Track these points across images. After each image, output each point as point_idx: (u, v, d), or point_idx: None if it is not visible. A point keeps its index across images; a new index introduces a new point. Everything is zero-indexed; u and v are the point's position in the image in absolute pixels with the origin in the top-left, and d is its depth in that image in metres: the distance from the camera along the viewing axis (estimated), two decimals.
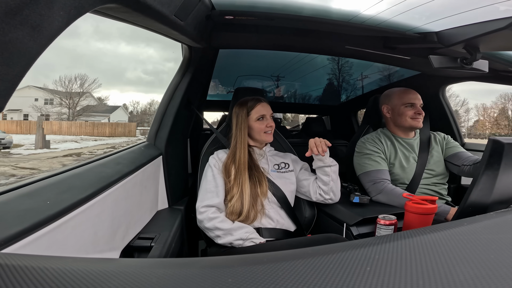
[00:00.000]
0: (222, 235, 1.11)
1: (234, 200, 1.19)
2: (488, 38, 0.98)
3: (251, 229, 1.14)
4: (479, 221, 0.46)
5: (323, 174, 1.28)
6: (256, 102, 1.33)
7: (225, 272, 0.29)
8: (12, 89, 0.37)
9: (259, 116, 1.32)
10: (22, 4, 0.34)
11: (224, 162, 1.28)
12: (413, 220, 1.03)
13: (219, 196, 1.20)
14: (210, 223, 1.13)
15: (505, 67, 1.49)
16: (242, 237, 1.10)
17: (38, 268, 0.27)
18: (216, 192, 1.20)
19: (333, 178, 1.28)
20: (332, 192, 1.29)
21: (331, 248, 0.35)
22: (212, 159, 1.31)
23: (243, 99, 1.38)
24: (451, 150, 1.49)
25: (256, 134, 1.33)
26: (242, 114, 1.33)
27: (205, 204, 1.17)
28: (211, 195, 1.20)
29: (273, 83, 2.60)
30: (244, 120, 1.32)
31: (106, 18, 0.65)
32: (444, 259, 0.32)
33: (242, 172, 1.24)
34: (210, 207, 1.17)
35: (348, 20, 1.10)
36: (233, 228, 1.12)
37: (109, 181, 0.75)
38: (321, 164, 1.28)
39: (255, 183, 1.23)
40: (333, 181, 1.28)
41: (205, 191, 1.22)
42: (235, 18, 1.07)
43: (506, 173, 0.74)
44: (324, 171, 1.28)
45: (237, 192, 1.20)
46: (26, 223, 0.47)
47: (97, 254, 0.68)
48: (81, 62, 57.36)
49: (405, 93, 1.48)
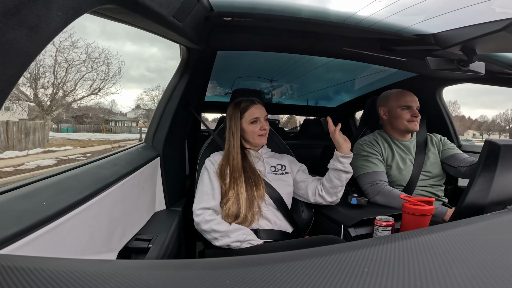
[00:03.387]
0: (219, 237, 1.11)
1: (230, 203, 1.18)
2: (484, 40, 0.98)
3: (248, 231, 1.14)
4: (476, 222, 0.46)
5: (336, 178, 1.25)
6: (249, 104, 1.30)
7: (223, 274, 0.29)
8: (9, 90, 0.37)
9: (252, 119, 1.29)
10: (20, 5, 0.34)
11: (219, 165, 1.26)
12: (410, 221, 1.03)
13: (216, 199, 1.20)
14: (207, 226, 1.12)
15: (502, 69, 1.50)
16: (239, 239, 1.09)
17: (34, 270, 0.27)
18: (212, 195, 1.20)
19: (343, 184, 1.27)
20: (336, 196, 1.28)
21: (328, 249, 0.35)
22: (208, 162, 1.29)
23: (237, 100, 1.35)
24: (447, 151, 1.49)
25: (249, 137, 1.31)
26: (235, 117, 1.30)
27: (202, 206, 1.16)
28: (208, 197, 1.19)
29: (271, 85, 2.61)
30: (237, 123, 1.29)
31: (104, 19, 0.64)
32: (441, 260, 0.32)
33: (237, 176, 1.22)
34: (206, 209, 1.16)
35: (346, 22, 1.10)
36: (230, 230, 1.11)
37: (106, 183, 0.75)
38: (340, 166, 1.24)
39: (251, 185, 1.22)
40: (342, 186, 1.27)
41: (201, 193, 1.21)
42: (234, 19, 1.07)
43: (502, 175, 0.74)
44: (339, 175, 1.25)
45: (233, 195, 1.19)
46: (22, 224, 0.47)
47: (94, 255, 0.68)
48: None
49: (402, 95, 1.48)
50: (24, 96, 16.09)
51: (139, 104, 32.92)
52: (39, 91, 16.09)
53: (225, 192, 1.21)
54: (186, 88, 1.35)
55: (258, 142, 1.32)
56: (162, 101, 1.32)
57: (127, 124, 33.41)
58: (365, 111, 1.79)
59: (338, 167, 1.24)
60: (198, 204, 1.18)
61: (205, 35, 1.16)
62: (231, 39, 1.31)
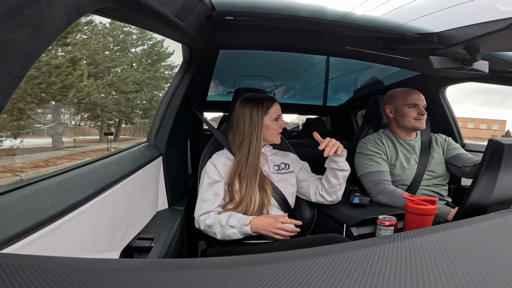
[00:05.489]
0: (216, 231, 1.08)
1: (240, 209, 1.15)
2: (488, 39, 0.98)
3: (236, 214, 1.10)
4: (479, 222, 0.46)
5: (333, 177, 1.23)
6: (273, 100, 1.25)
7: (225, 273, 0.29)
8: (13, 89, 0.37)
9: (277, 115, 1.25)
10: (22, 5, 0.34)
11: (231, 168, 1.19)
12: (413, 221, 1.03)
13: (216, 203, 1.16)
14: (202, 225, 1.12)
15: (505, 68, 1.49)
16: (230, 224, 1.06)
17: (38, 268, 0.27)
18: (213, 201, 1.16)
19: (341, 182, 1.24)
20: (335, 195, 1.26)
21: (330, 249, 0.35)
22: (209, 164, 1.22)
23: (252, 95, 1.27)
24: (452, 151, 1.49)
25: (270, 134, 1.25)
26: (259, 112, 1.21)
27: (202, 213, 1.15)
28: (208, 204, 1.16)
29: (273, 84, 2.60)
30: (261, 119, 1.21)
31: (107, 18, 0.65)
32: (444, 259, 0.32)
33: (253, 180, 1.16)
34: (206, 213, 1.15)
35: (348, 21, 1.10)
36: (220, 220, 1.09)
37: (109, 182, 0.75)
38: (334, 165, 1.20)
39: (261, 190, 1.18)
40: (340, 185, 1.24)
41: (201, 200, 1.17)
42: (236, 18, 1.06)
43: (506, 174, 0.74)
44: (335, 173, 1.22)
45: (244, 200, 1.14)
46: (26, 223, 0.47)
47: (97, 254, 0.68)
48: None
49: (409, 93, 1.48)
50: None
51: None
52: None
53: (233, 195, 1.17)
54: (189, 88, 1.35)
55: (276, 141, 1.27)
56: (165, 100, 1.32)
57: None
58: (368, 110, 1.78)
59: (333, 166, 1.21)
60: (199, 211, 1.16)
61: (207, 34, 1.16)
62: (233, 38, 1.31)
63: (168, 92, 1.34)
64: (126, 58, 15.05)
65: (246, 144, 1.20)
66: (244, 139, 1.21)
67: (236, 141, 1.24)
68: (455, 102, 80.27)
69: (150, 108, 16.28)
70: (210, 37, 1.22)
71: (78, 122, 18.12)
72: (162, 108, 1.30)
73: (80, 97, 13.23)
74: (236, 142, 1.24)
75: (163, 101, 1.32)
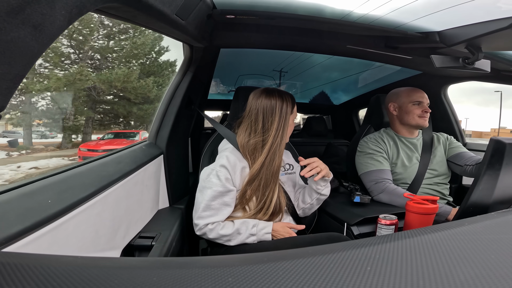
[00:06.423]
0: (232, 238, 1.05)
1: (260, 216, 1.10)
2: (490, 38, 0.97)
3: (255, 221, 1.06)
4: (480, 221, 0.46)
5: (308, 194, 1.19)
6: (294, 99, 1.16)
7: (226, 272, 0.29)
8: (14, 88, 0.37)
9: (295, 115, 1.18)
10: (24, 3, 0.34)
11: (249, 176, 1.07)
12: (414, 220, 1.03)
13: (220, 215, 1.06)
14: (213, 234, 1.05)
15: (507, 67, 1.49)
16: (251, 233, 1.04)
17: (39, 267, 0.27)
18: (223, 213, 1.06)
19: (313, 204, 1.19)
20: (302, 211, 1.22)
21: (331, 248, 0.35)
22: (222, 169, 1.05)
23: (275, 89, 1.14)
24: (453, 150, 1.49)
25: (288, 136, 1.16)
26: (287, 109, 1.09)
27: (209, 222, 1.06)
28: (218, 216, 1.05)
29: (274, 82, 2.60)
30: (288, 117, 1.10)
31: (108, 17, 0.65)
32: (445, 259, 0.32)
33: (272, 183, 1.08)
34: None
35: (350, 19, 1.09)
36: (237, 228, 1.05)
37: (110, 180, 0.76)
38: (313, 186, 1.15)
39: (279, 195, 1.12)
40: (311, 205, 1.19)
41: (207, 207, 1.05)
42: (237, 17, 1.06)
43: (507, 173, 0.73)
44: (311, 193, 1.18)
45: (261, 207, 1.08)
46: (27, 222, 0.47)
47: (98, 253, 0.69)
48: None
49: (413, 91, 1.49)
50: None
51: None
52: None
53: (246, 204, 1.10)
54: (189, 86, 1.35)
55: (287, 140, 1.18)
56: (166, 99, 1.32)
57: None
58: (369, 109, 1.78)
59: (312, 185, 1.16)
60: (205, 220, 1.05)
61: (207, 33, 1.16)
62: (234, 37, 1.31)
63: (169, 90, 1.34)
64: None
65: (272, 145, 1.07)
66: (267, 139, 1.07)
67: (251, 141, 1.10)
68: (453, 101, 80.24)
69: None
70: (211, 35, 1.21)
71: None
72: (163, 106, 1.30)
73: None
74: (250, 141, 1.10)
75: (164, 100, 1.32)
